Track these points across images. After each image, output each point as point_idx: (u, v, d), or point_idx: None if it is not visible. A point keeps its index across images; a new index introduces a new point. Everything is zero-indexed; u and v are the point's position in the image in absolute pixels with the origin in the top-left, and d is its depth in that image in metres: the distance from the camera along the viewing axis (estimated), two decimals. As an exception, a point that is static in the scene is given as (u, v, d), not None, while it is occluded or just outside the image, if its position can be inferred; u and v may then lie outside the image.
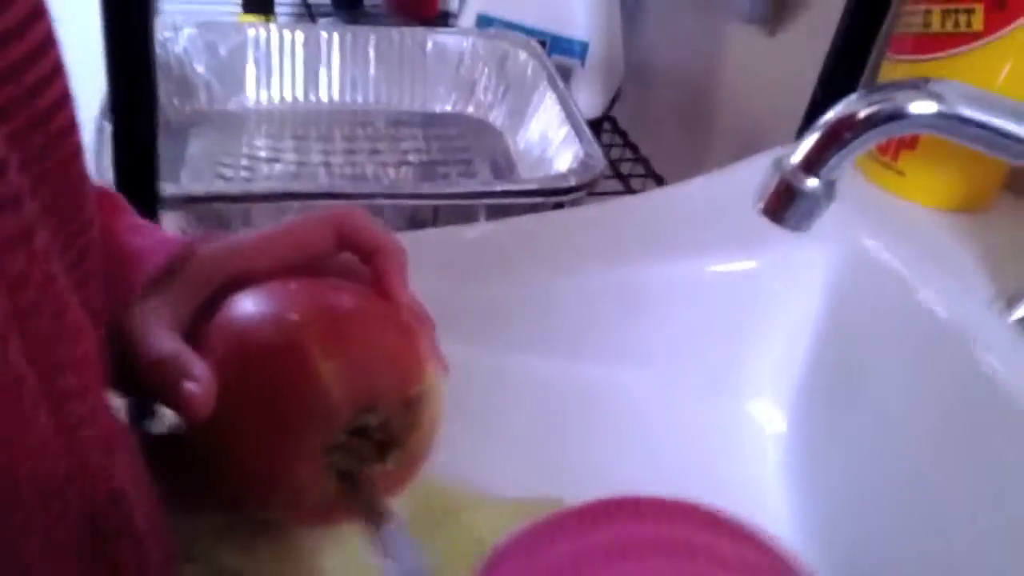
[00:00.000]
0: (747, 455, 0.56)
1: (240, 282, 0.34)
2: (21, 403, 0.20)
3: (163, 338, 0.31)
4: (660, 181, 0.97)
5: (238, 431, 0.31)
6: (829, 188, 0.38)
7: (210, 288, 0.34)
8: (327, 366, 0.31)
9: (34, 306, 0.20)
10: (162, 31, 0.87)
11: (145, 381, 0.30)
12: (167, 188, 0.62)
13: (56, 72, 0.21)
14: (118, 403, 0.27)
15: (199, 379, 0.30)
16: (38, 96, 0.21)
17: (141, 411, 0.31)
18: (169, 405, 0.30)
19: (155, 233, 0.35)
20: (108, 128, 0.58)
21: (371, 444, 0.33)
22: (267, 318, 0.33)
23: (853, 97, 0.38)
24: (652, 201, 0.65)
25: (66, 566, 0.23)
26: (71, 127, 0.22)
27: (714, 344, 0.57)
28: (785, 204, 0.39)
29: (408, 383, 0.33)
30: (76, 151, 0.23)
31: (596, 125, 1.03)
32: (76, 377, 0.22)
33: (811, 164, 0.38)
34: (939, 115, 0.36)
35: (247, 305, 0.33)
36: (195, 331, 0.33)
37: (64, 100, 0.22)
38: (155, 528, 0.27)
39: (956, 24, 0.53)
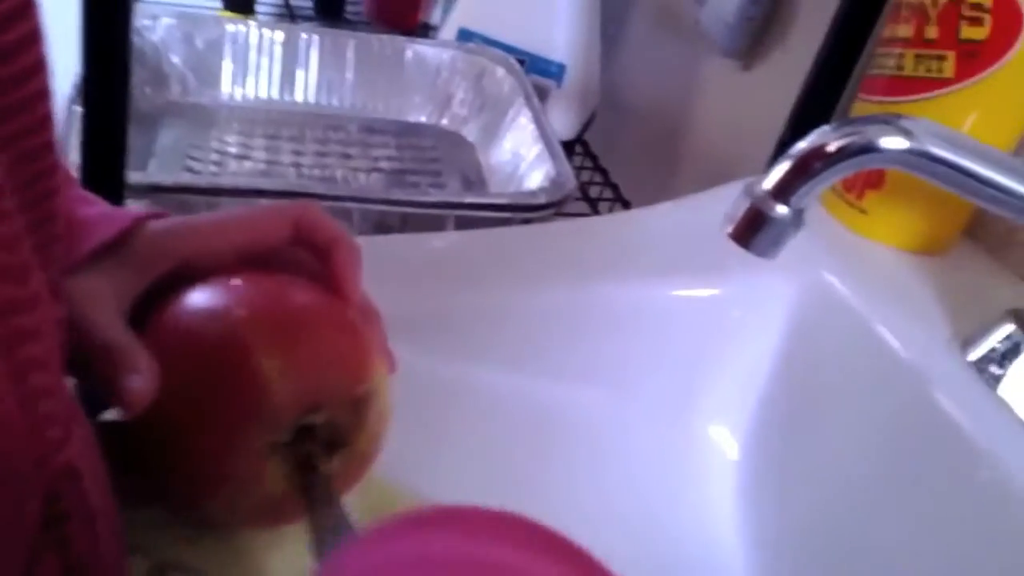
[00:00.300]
0: (701, 479, 0.56)
1: (192, 264, 0.34)
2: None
3: (109, 323, 0.31)
4: (628, 207, 0.98)
5: (180, 426, 0.31)
6: (798, 216, 0.39)
7: (161, 267, 0.33)
8: (270, 364, 0.31)
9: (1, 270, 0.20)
10: (140, 19, 0.86)
11: (86, 362, 0.30)
12: (134, 176, 0.62)
13: (28, 7, 0.21)
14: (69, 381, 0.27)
15: (142, 372, 0.29)
16: (3, 30, 0.20)
17: (89, 395, 0.31)
18: (107, 392, 0.29)
19: (104, 205, 0.35)
20: (78, 111, 0.57)
21: (317, 444, 0.33)
22: (213, 313, 0.32)
23: (825, 128, 0.38)
24: (619, 223, 0.65)
25: (18, 555, 0.22)
26: (39, 65, 0.21)
27: (673, 368, 0.57)
28: (754, 229, 0.39)
29: (354, 383, 0.33)
30: (43, 91, 0.22)
31: (568, 147, 1.04)
32: (38, 346, 0.21)
33: (781, 192, 0.38)
34: (909, 151, 0.37)
35: (195, 298, 0.33)
36: (141, 317, 0.33)
37: (33, 37, 0.21)
38: (108, 511, 0.26)
39: (928, 69, 0.54)
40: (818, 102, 0.67)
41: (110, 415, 0.32)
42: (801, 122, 0.68)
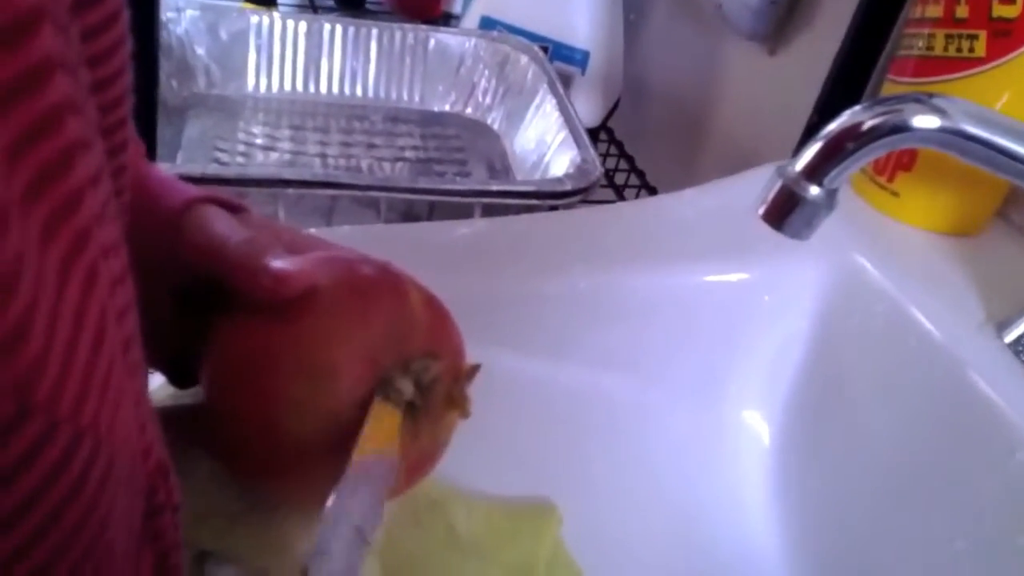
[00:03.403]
0: (733, 464, 0.56)
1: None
2: (123, 383, 0.19)
3: (238, 228, 0.32)
4: (654, 193, 0.98)
5: (316, 319, 0.31)
6: (830, 197, 0.39)
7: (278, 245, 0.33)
8: (416, 292, 0.33)
9: (120, 277, 0.20)
10: (164, 12, 0.86)
11: (217, 271, 0.30)
12: (163, 168, 0.62)
13: None
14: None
15: (286, 258, 0.31)
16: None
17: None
18: (251, 288, 0.30)
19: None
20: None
21: (409, 410, 0.32)
22: (358, 255, 0.34)
23: (857, 108, 0.38)
24: (645, 208, 0.65)
25: (132, 549, 0.22)
26: (122, 39, 0.22)
27: (704, 353, 0.57)
28: (786, 211, 0.39)
29: (463, 354, 0.34)
30: (122, 38, 0.22)
31: (593, 134, 1.03)
32: (139, 347, 0.22)
33: (813, 172, 0.38)
34: (942, 130, 0.36)
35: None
36: None
37: (119, 13, 0.22)
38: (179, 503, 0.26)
39: (959, 49, 0.53)
40: (847, 84, 0.66)
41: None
42: (829, 105, 0.67)
